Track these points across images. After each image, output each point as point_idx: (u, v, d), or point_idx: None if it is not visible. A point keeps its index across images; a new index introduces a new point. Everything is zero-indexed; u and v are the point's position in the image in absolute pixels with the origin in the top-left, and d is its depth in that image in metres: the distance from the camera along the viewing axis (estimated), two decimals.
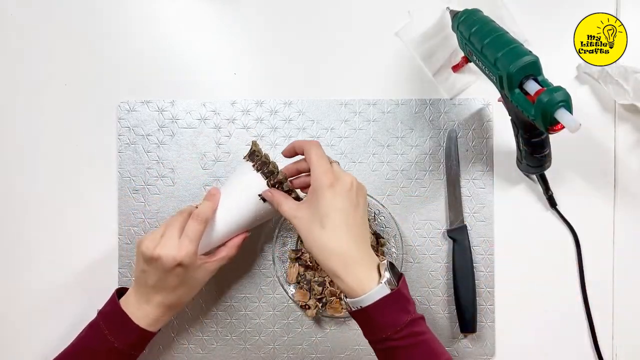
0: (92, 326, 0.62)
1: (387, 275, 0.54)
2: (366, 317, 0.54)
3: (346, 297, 0.55)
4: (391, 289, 0.53)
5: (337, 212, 0.54)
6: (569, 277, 0.72)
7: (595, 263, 0.72)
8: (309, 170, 0.59)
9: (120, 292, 0.64)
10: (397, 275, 0.55)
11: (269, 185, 0.62)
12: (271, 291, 0.73)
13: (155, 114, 0.74)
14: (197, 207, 0.62)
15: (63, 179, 0.74)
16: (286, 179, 0.63)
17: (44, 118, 0.74)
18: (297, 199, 0.63)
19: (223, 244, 0.65)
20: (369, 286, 0.53)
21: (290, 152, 0.62)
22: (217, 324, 0.73)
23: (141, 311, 0.61)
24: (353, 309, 0.55)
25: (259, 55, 0.75)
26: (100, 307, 0.63)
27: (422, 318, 0.55)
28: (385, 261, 0.55)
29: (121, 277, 0.73)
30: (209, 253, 0.64)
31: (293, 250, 0.72)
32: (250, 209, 0.63)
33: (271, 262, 0.72)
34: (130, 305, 0.61)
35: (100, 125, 0.74)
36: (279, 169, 0.63)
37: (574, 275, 0.72)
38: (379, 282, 0.53)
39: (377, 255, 0.70)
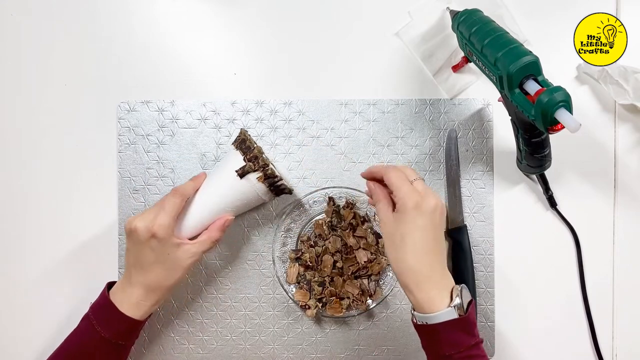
0: (83, 319, 0.63)
1: (457, 300, 0.54)
2: (430, 333, 0.55)
3: (414, 310, 0.56)
4: (459, 315, 0.54)
5: (418, 232, 0.55)
6: (569, 277, 0.72)
7: (595, 263, 0.72)
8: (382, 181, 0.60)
9: (112, 286, 0.64)
10: (468, 301, 0.56)
11: (245, 161, 0.64)
12: (271, 291, 0.73)
13: (155, 114, 0.74)
14: None
15: (63, 179, 0.74)
16: (261, 153, 0.65)
17: (44, 118, 0.74)
18: (273, 174, 0.64)
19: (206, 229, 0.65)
20: (438, 307, 0.54)
21: (369, 176, 0.62)
22: (217, 324, 0.73)
23: (125, 295, 0.62)
24: (418, 323, 0.56)
25: (259, 55, 0.75)
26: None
27: (482, 341, 0.57)
28: (459, 286, 0.55)
29: (121, 277, 0.73)
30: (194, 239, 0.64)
31: (293, 250, 0.72)
32: (228, 187, 0.64)
33: (271, 262, 0.72)
34: (117, 292, 0.62)
35: (100, 125, 0.74)
36: (256, 145, 0.65)
37: (574, 275, 0.72)
38: (449, 306, 0.54)
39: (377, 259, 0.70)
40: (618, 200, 0.73)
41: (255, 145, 0.65)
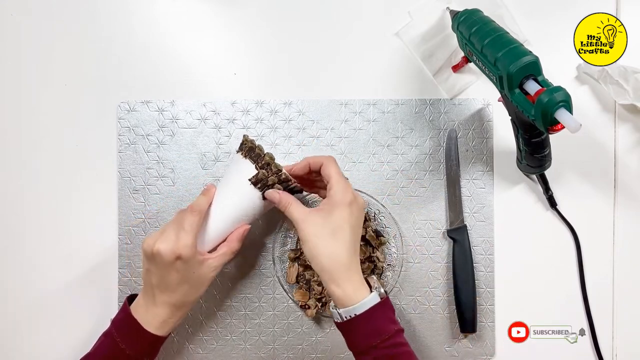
0: (105, 335, 0.62)
1: (377, 285, 0.60)
2: (357, 326, 0.57)
3: (338, 308, 0.58)
4: (381, 298, 0.58)
5: (350, 228, 0.59)
6: (569, 277, 0.72)
7: (595, 263, 0.72)
8: (308, 173, 0.64)
9: (132, 299, 0.64)
10: (384, 289, 0.61)
11: (257, 169, 0.63)
12: (271, 291, 0.73)
13: (155, 114, 0.74)
14: None
15: (63, 179, 0.74)
16: (272, 159, 0.64)
17: (44, 118, 0.74)
18: (287, 179, 0.63)
19: (225, 241, 0.64)
20: (363, 295, 0.58)
21: (304, 169, 0.64)
22: (217, 324, 0.73)
23: (149, 314, 0.61)
24: (344, 319, 0.58)
25: (259, 55, 0.75)
26: (112, 315, 0.63)
27: (402, 330, 0.59)
28: (373, 276, 0.60)
29: (121, 277, 0.73)
30: (213, 251, 0.64)
31: (292, 250, 0.72)
32: (243, 196, 0.63)
33: (271, 262, 0.72)
34: (140, 310, 0.61)
35: (100, 125, 0.74)
36: (266, 152, 0.64)
37: (574, 275, 0.72)
38: (372, 291, 0.58)
39: (377, 258, 0.71)
40: (618, 200, 0.73)
41: (265, 153, 0.64)
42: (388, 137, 0.73)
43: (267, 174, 0.63)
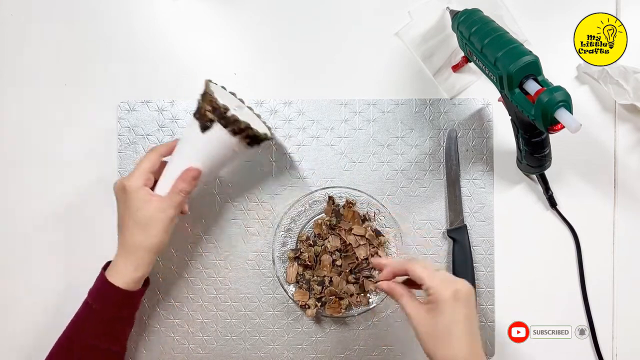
0: (83, 303, 0.63)
1: None
2: None
3: None
4: None
5: (462, 322, 0.53)
6: (569, 277, 0.72)
7: (595, 263, 0.72)
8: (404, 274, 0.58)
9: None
10: None
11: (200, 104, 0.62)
12: (271, 291, 0.73)
13: (155, 114, 0.74)
14: None
15: (63, 179, 0.74)
16: (211, 93, 0.61)
17: (44, 118, 0.74)
18: (225, 109, 0.60)
19: None
20: None
21: (389, 276, 0.59)
22: (217, 324, 0.73)
23: (112, 265, 0.62)
24: None
25: (259, 55, 0.75)
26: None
27: None
28: None
29: None
30: None
31: (292, 249, 0.72)
32: (194, 137, 0.61)
33: (271, 262, 0.72)
34: (110, 266, 0.62)
35: (100, 125, 0.74)
36: (214, 95, 0.61)
37: (574, 275, 0.72)
38: None
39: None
40: (618, 200, 0.73)
41: (213, 97, 0.60)
42: (388, 137, 0.73)
43: (200, 101, 0.61)
